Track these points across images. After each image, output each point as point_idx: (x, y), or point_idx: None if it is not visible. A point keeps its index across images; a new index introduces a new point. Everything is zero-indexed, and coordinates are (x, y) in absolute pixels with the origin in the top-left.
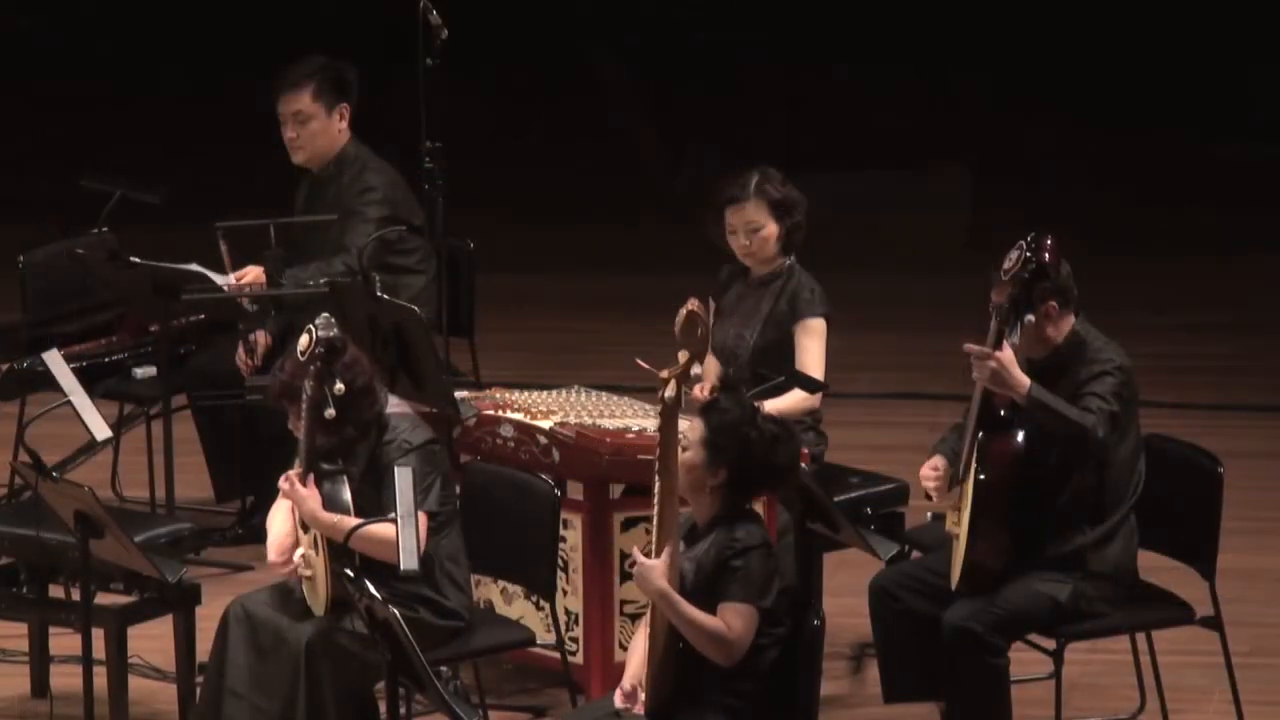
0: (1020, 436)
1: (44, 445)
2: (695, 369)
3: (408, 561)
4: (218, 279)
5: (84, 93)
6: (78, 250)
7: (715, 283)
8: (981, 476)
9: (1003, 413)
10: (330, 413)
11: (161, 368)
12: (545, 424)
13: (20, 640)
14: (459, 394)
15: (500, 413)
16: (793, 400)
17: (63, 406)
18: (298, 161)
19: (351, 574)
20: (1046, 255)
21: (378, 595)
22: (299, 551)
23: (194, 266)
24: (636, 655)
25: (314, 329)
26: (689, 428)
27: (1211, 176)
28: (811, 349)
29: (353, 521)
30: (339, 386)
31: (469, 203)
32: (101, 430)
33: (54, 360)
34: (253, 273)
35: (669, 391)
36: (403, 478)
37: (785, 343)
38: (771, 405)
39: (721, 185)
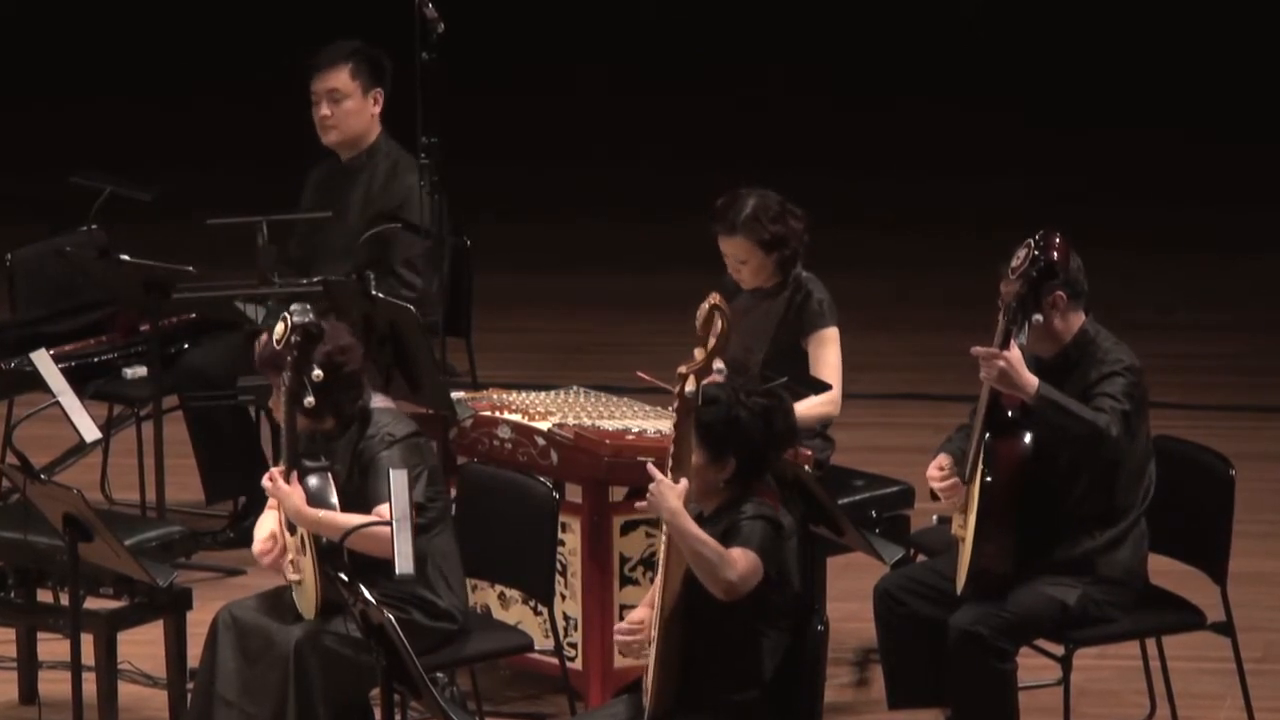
0: (1028, 438)
1: (32, 447)
2: (716, 363)
3: (403, 566)
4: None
5: (76, 89)
6: (67, 248)
7: (721, 289)
8: (988, 479)
9: (1010, 414)
10: (310, 400)
11: (152, 368)
12: (543, 425)
13: (8, 646)
14: (456, 395)
15: (498, 414)
16: (808, 405)
17: (51, 407)
18: (328, 142)
19: (345, 578)
20: (1055, 254)
21: (372, 600)
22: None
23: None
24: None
25: (289, 316)
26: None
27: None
28: (827, 358)
29: (340, 517)
30: (317, 373)
31: (466, 201)
32: (91, 431)
33: (42, 360)
34: None
35: (688, 387)
36: (397, 480)
37: (794, 355)
38: None
39: (718, 204)
